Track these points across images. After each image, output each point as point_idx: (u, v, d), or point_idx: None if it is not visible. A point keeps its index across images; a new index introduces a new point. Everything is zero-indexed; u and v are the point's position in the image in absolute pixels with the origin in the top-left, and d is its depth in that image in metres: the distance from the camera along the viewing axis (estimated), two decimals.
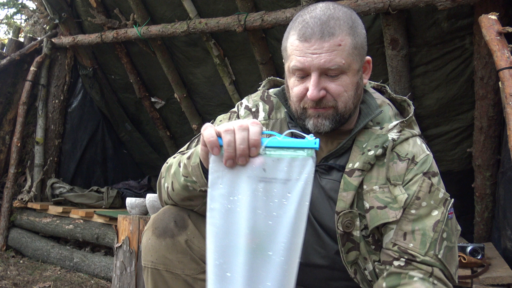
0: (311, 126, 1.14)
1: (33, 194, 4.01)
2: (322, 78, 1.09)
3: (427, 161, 1.15)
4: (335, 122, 1.13)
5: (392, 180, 1.13)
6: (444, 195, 1.14)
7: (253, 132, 0.93)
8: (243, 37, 3.30)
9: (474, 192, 3.02)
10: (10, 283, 3.04)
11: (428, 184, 1.12)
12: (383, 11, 2.54)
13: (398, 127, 1.16)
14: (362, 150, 1.15)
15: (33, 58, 4.20)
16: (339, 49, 1.06)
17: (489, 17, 2.12)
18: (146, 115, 4.50)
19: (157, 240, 1.17)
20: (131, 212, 2.64)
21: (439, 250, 1.09)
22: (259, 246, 0.94)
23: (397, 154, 1.15)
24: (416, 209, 1.11)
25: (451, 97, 2.91)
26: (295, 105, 1.15)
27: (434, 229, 1.10)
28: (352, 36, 1.09)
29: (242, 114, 1.30)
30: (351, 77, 1.10)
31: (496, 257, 2.45)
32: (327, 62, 1.06)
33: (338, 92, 1.10)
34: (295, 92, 1.13)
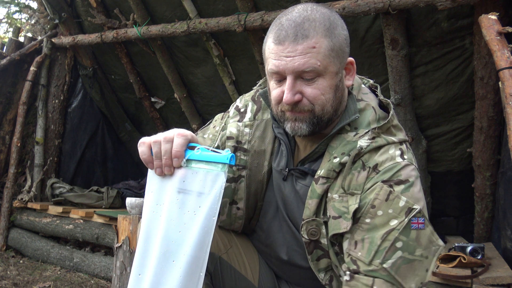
0: (289, 129, 1.13)
1: (33, 194, 4.01)
2: (298, 81, 1.06)
3: (392, 170, 1.06)
4: (313, 125, 1.09)
5: (350, 189, 1.08)
6: (407, 203, 1.03)
7: (176, 144, 1.06)
8: (243, 37, 3.30)
9: (474, 192, 3.02)
10: (10, 283, 3.04)
11: (386, 192, 1.04)
12: (383, 11, 2.54)
13: (370, 134, 1.10)
14: (330, 156, 1.12)
15: (33, 58, 4.19)
16: (314, 51, 1.03)
17: (489, 17, 2.12)
18: (146, 115, 4.50)
19: None
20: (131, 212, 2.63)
21: (386, 259, 1.00)
22: (166, 253, 1.01)
23: (363, 163, 1.09)
24: (371, 218, 1.04)
25: (451, 97, 2.91)
26: (275, 108, 1.14)
27: (383, 237, 1.02)
28: (329, 38, 1.05)
29: (231, 115, 1.32)
30: (328, 80, 1.07)
31: (496, 257, 2.45)
32: (301, 65, 1.03)
33: (314, 96, 1.07)
34: (273, 96, 1.12)
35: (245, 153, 1.24)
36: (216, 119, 1.37)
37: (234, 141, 1.24)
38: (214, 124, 1.36)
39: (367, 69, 2.97)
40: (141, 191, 4.46)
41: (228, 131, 1.26)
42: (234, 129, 1.26)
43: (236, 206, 1.25)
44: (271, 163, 1.23)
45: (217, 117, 1.39)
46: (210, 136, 1.32)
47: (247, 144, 1.24)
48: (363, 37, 2.86)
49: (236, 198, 1.25)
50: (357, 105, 1.15)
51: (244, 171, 1.24)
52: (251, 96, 1.34)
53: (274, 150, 1.24)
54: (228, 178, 1.19)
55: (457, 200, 3.23)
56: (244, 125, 1.26)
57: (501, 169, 2.75)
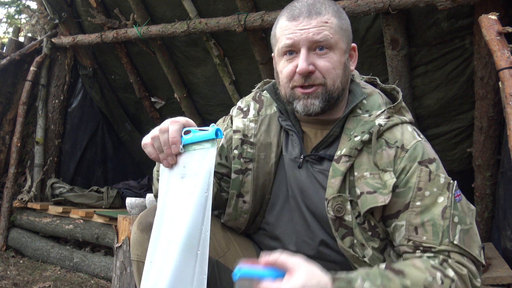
0: (300, 108, 1.15)
1: (33, 194, 4.01)
2: (311, 54, 1.12)
3: (417, 148, 1.13)
4: (324, 101, 1.14)
5: (381, 167, 1.12)
6: (446, 179, 1.11)
7: (171, 131, 1.08)
8: (243, 37, 3.30)
9: (474, 192, 3.02)
10: (10, 283, 3.04)
11: (426, 173, 1.10)
12: (383, 11, 2.54)
13: (385, 113, 1.17)
14: (349, 136, 1.16)
15: (33, 58, 4.20)
16: (326, 26, 1.12)
17: (489, 17, 2.12)
18: (146, 115, 4.50)
19: (141, 234, 1.20)
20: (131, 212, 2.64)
21: (454, 236, 1.06)
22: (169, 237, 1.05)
23: (386, 141, 1.14)
24: (421, 200, 1.09)
25: (451, 97, 2.91)
26: (285, 88, 1.17)
27: (443, 217, 1.07)
28: (338, 18, 1.15)
29: (234, 114, 1.35)
30: (338, 56, 1.14)
31: (496, 257, 2.45)
32: (316, 34, 1.10)
33: (326, 68, 1.12)
34: (285, 73, 1.15)
35: (251, 146, 1.26)
36: (218, 124, 1.40)
37: (241, 134, 1.27)
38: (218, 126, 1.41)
39: (367, 69, 2.97)
40: (141, 191, 4.46)
41: (234, 126, 1.30)
42: (240, 123, 1.29)
43: (243, 199, 1.26)
44: (278, 156, 1.25)
45: (218, 122, 1.42)
46: None
47: (253, 137, 1.26)
48: (363, 37, 2.86)
49: (242, 191, 1.25)
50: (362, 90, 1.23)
51: (251, 164, 1.25)
52: (252, 97, 1.37)
53: (280, 142, 1.26)
54: (235, 169, 1.25)
55: None
56: (249, 120, 1.30)
57: (501, 169, 2.75)
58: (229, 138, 1.30)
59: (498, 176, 2.82)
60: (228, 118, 1.37)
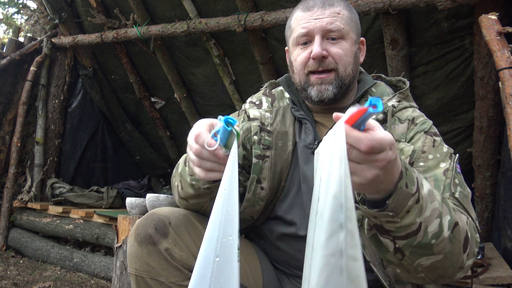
0: (314, 93, 1.21)
1: (33, 194, 4.01)
2: (324, 41, 1.19)
3: (426, 123, 1.21)
4: (337, 87, 1.20)
5: (395, 137, 1.17)
6: (448, 149, 1.17)
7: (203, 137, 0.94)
8: (243, 37, 3.30)
9: (474, 192, 3.02)
10: (10, 283, 3.04)
11: (431, 140, 1.16)
12: (383, 11, 2.54)
13: (396, 98, 1.25)
14: None
15: (33, 58, 4.20)
16: (339, 16, 1.20)
17: (489, 17, 2.12)
18: (146, 115, 4.50)
19: (139, 247, 1.14)
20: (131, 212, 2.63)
21: (455, 191, 1.08)
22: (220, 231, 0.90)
23: (398, 118, 1.22)
24: (424, 161, 1.14)
25: (451, 97, 2.91)
26: (299, 75, 1.23)
27: (445, 175, 1.10)
28: (349, 11, 1.23)
29: (247, 107, 1.37)
30: (349, 45, 1.21)
31: (496, 257, 2.44)
32: (329, 23, 1.18)
33: (338, 54, 1.19)
34: (299, 60, 1.22)
35: (269, 134, 1.28)
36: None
37: (259, 122, 1.30)
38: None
39: (367, 69, 2.94)
40: (141, 191, 4.46)
41: (251, 114, 1.32)
42: (256, 112, 1.32)
43: (260, 185, 1.27)
44: (294, 144, 1.28)
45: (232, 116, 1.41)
46: None
47: (269, 126, 1.30)
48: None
49: (261, 177, 1.27)
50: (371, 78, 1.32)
51: (268, 151, 1.27)
52: (262, 93, 1.41)
53: (295, 132, 1.29)
54: (256, 154, 1.26)
55: None
56: (264, 110, 1.33)
57: (502, 169, 2.75)
58: (245, 130, 1.31)
59: (499, 176, 2.82)
60: (243, 113, 1.37)
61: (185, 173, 1.16)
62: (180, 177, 1.19)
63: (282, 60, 3.31)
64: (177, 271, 1.13)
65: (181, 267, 1.13)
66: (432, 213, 0.91)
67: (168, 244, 1.13)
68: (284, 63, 3.37)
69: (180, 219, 1.19)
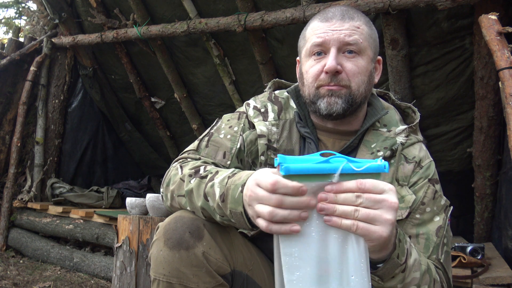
0: (324, 105, 1.14)
1: (33, 194, 4.01)
2: (339, 55, 1.13)
3: (431, 167, 1.20)
4: (348, 103, 1.14)
5: (400, 181, 1.16)
6: (445, 202, 1.18)
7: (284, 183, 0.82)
8: (243, 37, 3.30)
9: (474, 192, 3.02)
10: (10, 283, 3.04)
11: (432, 191, 1.16)
12: (383, 11, 2.54)
13: (406, 132, 1.20)
14: (371, 150, 1.18)
15: (33, 58, 4.20)
16: (358, 31, 1.14)
17: (489, 17, 2.12)
18: (146, 115, 4.50)
19: (170, 252, 1.07)
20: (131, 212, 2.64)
21: (441, 254, 1.13)
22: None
23: (404, 157, 1.19)
24: (421, 214, 1.14)
25: (451, 97, 2.91)
26: (309, 87, 1.17)
27: (437, 234, 1.13)
28: (369, 27, 1.18)
29: (251, 114, 1.27)
30: (365, 62, 1.15)
31: (496, 257, 2.44)
32: (347, 36, 1.12)
33: (353, 71, 1.13)
34: (311, 73, 1.16)
35: (275, 153, 1.22)
36: (230, 119, 1.30)
37: (266, 139, 1.22)
38: (230, 124, 1.28)
39: None
40: (141, 191, 4.46)
41: (259, 130, 1.23)
42: (263, 127, 1.23)
43: None
44: None
45: (228, 117, 1.32)
46: (228, 137, 1.25)
47: (276, 143, 1.23)
48: None
49: None
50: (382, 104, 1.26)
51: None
52: (267, 97, 1.31)
53: (301, 150, 1.23)
54: None
55: (457, 200, 3.23)
56: (271, 124, 1.25)
57: (504, 169, 2.75)
58: (249, 142, 1.24)
59: (501, 176, 2.82)
60: (243, 117, 1.28)
61: (211, 210, 1.06)
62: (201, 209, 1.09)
63: (282, 60, 3.31)
64: (209, 277, 1.08)
65: (214, 271, 1.08)
66: (412, 281, 1.00)
67: (203, 247, 1.07)
68: (284, 63, 3.40)
69: (213, 221, 1.12)
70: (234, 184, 0.98)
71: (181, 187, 1.14)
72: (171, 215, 1.15)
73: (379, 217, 0.82)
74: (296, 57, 1.30)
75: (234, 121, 1.28)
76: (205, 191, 1.06)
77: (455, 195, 3.23)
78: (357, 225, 0.81)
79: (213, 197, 1.04)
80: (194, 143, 1.29)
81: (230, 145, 1.23)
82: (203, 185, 1.07)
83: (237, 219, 0.99)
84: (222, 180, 1.03)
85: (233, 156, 1.23)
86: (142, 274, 2.23)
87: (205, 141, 1.26)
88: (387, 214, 0.82)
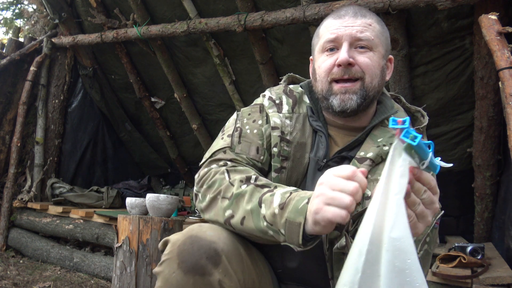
0: (337, 102, 1.16)
1: (33, 194, 4.01)
2: (351, 50, 1.15)
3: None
4: (362, 97, 1.15)
5: None
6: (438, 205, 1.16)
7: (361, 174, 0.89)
8: (243, 37, 3.30)
9: (474, 192, 3.02)
10: (10, 283, 3.04)
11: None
12: (383, 11, 2.54)
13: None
14: (376, 143, 1.18)
15: (33, 58, 4.20)
16: (370, 28, 1.17)
17: (489, 17, 2.12)
18: (146, 115, 4.50)
19: (184, 276, 1.00)
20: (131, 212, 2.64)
21: (419, 251, 1.12)
22: None
23: None
24: None
25: (451, 97, 2.91)
26: (322, 82, 1.19)
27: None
28: (381, 26, 1.21)
29: (266, 105, 1.28)
30: (378, 57, 1.17)
31: (496, 257, 2.44)
32: (359, 32, 1.15)
33: (366, 64, 1.15)
34: (323, 67, 1.18)
35: (288, 144, 1.22)
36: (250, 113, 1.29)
37: (279, 131, 1.22)
38: (252, 118, 1.27)
39: None
40: (141, 191, 4.46)
41: (272, 121, 1.24)
42: (277, 119, 1.24)
43: None
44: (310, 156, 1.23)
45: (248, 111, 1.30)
46: (255, 131, 1.24)
47: (289, 135, 1.23)
48: None
49: None
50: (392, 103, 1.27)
51: (285, 162, 1.21)
52: (282, 90, 1.32)
53: (313, 143, 1.24)
54: (275, 168, 1.20)
55: (457, 200, 3.23)
56: (285, 116, 1.25)
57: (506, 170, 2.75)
58: (268, 135, 1.23)
59: (503, 176, 2.82)
60: (264, 110, 1.28)
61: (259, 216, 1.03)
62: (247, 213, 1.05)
63: (282, 60, 3.31)
64: None
65: None
66: None
67: (219, 275, 1.01)
68: (283, 63, 3.39)
69: (229, 244, 1.06)
70: (299, 196, 0.99)
71: (229, 190, 1.11)
72: (185, 232, 1.06)
73: (426, 217, 0.85)
74: (295, 57, 1.32)
75: (256, 114, 1.28)
76: (261, 198, 1.05)
77: (455, 195, 3.23)
78: (413, 217, 0.84)
79: (269, 205, 1.02)
80: (225, 139, 1.24)
81: (260, 140, 1.23)
82: (259, 193, 1.06)
83: (289, 230, 0.97)
84: (284, 193, 1.03)
85: (264, 151, 1.23)
86: (142, 274, 2.23)
87: (236, 136, 1.24)
88: (430, 217, 0.85)
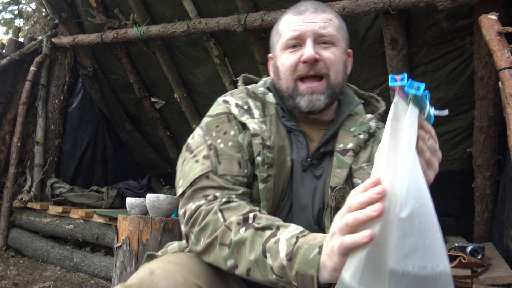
0: (304, 104, 1.15)
1: (33, 194, 4.01)
2: (315, 45, 1.14)
3: None
4: (329, 96, 1.16)
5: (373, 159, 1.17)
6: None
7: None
8: (243, 37, 3.30)
9: (474, 192, 3.02)
10: (10, 283, 3.04)
11: None
12: (383, 11, 2.54)
13: (375, 119, 1.26)
14: (351, 133, 1.20)
15: (33, 58, 4.20)
16: (331, 23, 1.17)
17: (489, 17, 2.12)
18: (146, 115, 4.50)
19: None
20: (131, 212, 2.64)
21: None
22: None
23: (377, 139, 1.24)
24: None
25: (451, 97, 2.91)
26: (287, 80, 1.17)
27: None
28: (340, 21, 1.21)
29: (236, 113, 1.18)
30: (340, 52, 1.18)
31: (496, 257, 2.44)
32: (322, 28, 1.15)
33: (330, 59, 1.15)
34: (287, 64, 1.16)
35: (270, 150, 1.13)
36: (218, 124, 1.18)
37: (260, 138, 1.13)
38: (222, 129, 1.16)
39: (367, 69, 2.97)
40: (141, 191, 4.46)
41: (252, 128, 1.14)
42: (255, 125, 1.14)
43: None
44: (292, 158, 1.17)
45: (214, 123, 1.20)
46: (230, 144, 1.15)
47: (268, 140, 1.14)
48: (363, 37, 2.86)
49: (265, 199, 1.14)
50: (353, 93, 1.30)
51: (271, 169, 1.13)
52: (245, 93, 1.23)
53: (291, 144, 1.18)
54: (262, 178, 1.11)
55: (457, 200, 3.23)
56: (260, 121, 1.16)
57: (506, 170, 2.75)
58: (247, 144, 1.14)
59: (503, 177, 2.82)
60: (233, 119, 1.18)
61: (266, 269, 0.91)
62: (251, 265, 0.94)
63: None
64: None
65: None
66: None
67: None
68: None
69: None
70: (308, 244, 0.85)
71: (226, 236, 0.98)
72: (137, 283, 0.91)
73: (434, 165, 0.88)
74: None
75: (226, 125, 1.17)
76: (265, 246, 0.91)
77: (455, 195, 3.23)
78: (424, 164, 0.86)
79: (275, 255, 0.89)
80: (201, 162, 1.11)
81: (238, 153, 1.13)
82: (261, 239, 0.93)
83: (302, 283, 0.85)
84: (290, 238, 0.90)
85: (246, 162, 1.13)
86: None
87: (213, 156, 1.12)
88: (437, 164, 0.89)
